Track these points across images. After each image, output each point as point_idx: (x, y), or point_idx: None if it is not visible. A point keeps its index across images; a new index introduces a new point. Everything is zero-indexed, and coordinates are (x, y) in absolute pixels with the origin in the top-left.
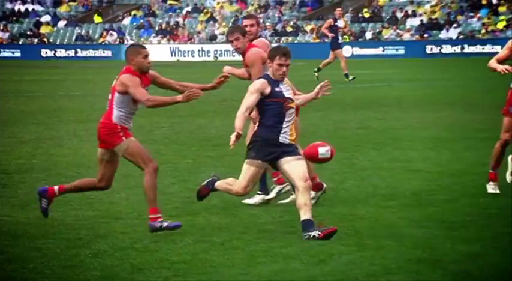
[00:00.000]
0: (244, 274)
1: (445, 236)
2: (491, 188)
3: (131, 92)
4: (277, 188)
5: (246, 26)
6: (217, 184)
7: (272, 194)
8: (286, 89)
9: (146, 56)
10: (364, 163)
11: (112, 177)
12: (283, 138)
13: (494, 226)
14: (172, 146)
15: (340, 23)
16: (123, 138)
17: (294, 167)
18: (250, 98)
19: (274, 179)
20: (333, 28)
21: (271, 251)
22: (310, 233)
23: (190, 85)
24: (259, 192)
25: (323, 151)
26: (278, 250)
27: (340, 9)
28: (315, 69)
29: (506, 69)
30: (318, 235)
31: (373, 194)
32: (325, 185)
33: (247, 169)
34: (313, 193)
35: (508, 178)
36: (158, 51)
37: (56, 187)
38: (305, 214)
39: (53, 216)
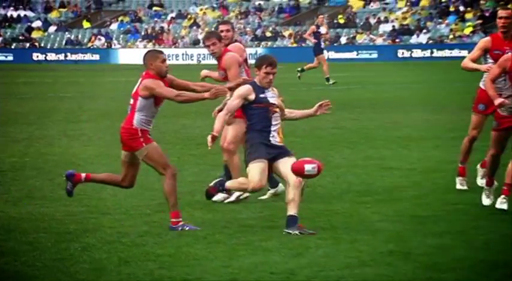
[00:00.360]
0: (226, 267)
1: (415, 230)
2: (460, 183)
3: (158, 92)
4: (237, 194)
5: (222, 31)
6: (229, 185)
7: (232, 198)
8: (271, 95)
9: (164, 60)
10: (339, 161)
11: (134, 177)
12: (274, 140)
13: (462, 220)
14: None
15: (323, 30)
16: (144, 144)
17: (289, 165)
18: (233, 103)
19: None
20: (316, 34)
21: (252, 244)
22: (290, 232)
23: (207, 85)
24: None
25: (309, 168)
26: (258, 244)
27: (322, 16)
28: (299, 69)
29: (490, 67)
30: (297, 235)
31: (348, 190)
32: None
33: (255, 167)
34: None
35: (479, 182)
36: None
37: (83, 175)
38: (291, 210)
39: (44, 212)
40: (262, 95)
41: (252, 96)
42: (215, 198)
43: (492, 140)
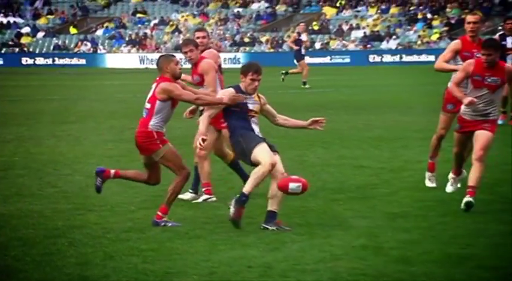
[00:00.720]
0: (206, 260)
1: (386, 225)
2: (428, 178)
3: (177, 94)
4: (204, 197)
5: (198, 38)
6: (248, 188)
7: (200, 200)
8: (252, 102)
9: (177, 62)
10: (314, 160)
11: (159, 175)
12: (257, 132)
13: (430, 216)
14: None
15: (304, 37)
16: (160, 145)
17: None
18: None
19: (204, 189)
20: (298, 41)
21: (230, 239)
22: (268, 227)
23: (210, 93)
24: (190, 190)
25: (294, 186)
26: (236, 239)
27: (303, 24)
28: (283, 72)
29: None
30: (273, 230)
31: (322, 188)
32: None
33: (259, 150)
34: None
35: (449, 189)
36: (128, 59)
37: (112, 171)
38: (271, 206)
39: (33, 208)
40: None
41: None
42: (184, 197)
43: (455, 140)
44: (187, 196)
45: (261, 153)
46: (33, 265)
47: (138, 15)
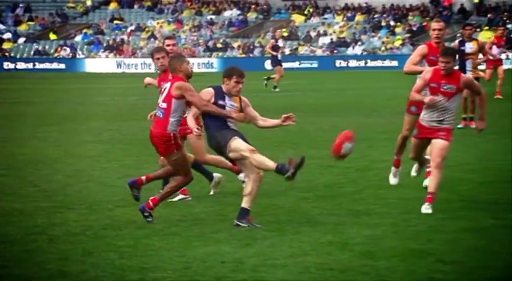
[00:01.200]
0: (181, 256)
1: (352, 222)
2: (393, 174)
3: (190, 94)
4: (180, 196)
5: (168, 45)
6: (248, 204)
7: (175, 199)
8: (231, 103)
9: (188, 62)
10: (284, 161)
11: (189, 170)
12: (232, 126)
13: (393, 213)
14: (118, 146)
15: (280, 43)
16: (175, 150)
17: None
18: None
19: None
20: (275, 47)
21: (204, 236)
22: (240, 224)
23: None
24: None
25: (349, 146)
26: (210, 235)
27: (279, 31)
28: (265, 77)
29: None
30: (245, 227)
31: (292, 187)
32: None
33: (235, 142)
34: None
35: (412, 174)
36: (106, 64)
37: (143, 177)
38: (245, 203)
39: (14, 207)
40: (221, 102)
41: (211, 101)
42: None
43: (412, 147)
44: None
45: (237, 143)
46: (14, 261)
47: (116, 21)
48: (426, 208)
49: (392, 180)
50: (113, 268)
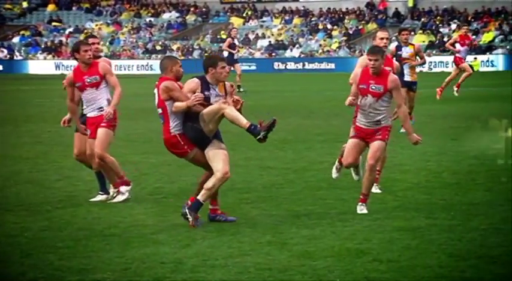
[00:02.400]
0: (120, 257)
1: (290, 222)
2: (336, 168)
3: (176, 95)
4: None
5: (93, 43)
6: (203, 198)
7: (115, 200)
8: (215, 95)
9: (181, 65)
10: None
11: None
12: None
13: (331, 213)
14: (57, 148)
15: (236, 42)
16: (188, 150)
17: (217, 156)
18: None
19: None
20: (232, 45)
21: (144, 237)
22: (187, 216)
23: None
24: (100, 192)
25: None
26: (149, 236)
27: (235, 29)
28: (237, 85)
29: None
30: (189, 223)
31: (231, 188)
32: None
33: (207, 111)
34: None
35: (355, 177)
36: (44, 65)
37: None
38: (202, 196)
39: None
40: (206, 93)
41: (198, 91)
42: (96, 199)
43: (347, 149)
44: (98, 198)
45: (209, 108)
46: None
47: (54, 23)
48: (361, 209)
49: (335, 174)
50: (52, 269)
